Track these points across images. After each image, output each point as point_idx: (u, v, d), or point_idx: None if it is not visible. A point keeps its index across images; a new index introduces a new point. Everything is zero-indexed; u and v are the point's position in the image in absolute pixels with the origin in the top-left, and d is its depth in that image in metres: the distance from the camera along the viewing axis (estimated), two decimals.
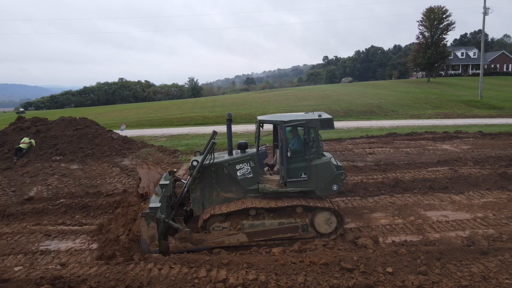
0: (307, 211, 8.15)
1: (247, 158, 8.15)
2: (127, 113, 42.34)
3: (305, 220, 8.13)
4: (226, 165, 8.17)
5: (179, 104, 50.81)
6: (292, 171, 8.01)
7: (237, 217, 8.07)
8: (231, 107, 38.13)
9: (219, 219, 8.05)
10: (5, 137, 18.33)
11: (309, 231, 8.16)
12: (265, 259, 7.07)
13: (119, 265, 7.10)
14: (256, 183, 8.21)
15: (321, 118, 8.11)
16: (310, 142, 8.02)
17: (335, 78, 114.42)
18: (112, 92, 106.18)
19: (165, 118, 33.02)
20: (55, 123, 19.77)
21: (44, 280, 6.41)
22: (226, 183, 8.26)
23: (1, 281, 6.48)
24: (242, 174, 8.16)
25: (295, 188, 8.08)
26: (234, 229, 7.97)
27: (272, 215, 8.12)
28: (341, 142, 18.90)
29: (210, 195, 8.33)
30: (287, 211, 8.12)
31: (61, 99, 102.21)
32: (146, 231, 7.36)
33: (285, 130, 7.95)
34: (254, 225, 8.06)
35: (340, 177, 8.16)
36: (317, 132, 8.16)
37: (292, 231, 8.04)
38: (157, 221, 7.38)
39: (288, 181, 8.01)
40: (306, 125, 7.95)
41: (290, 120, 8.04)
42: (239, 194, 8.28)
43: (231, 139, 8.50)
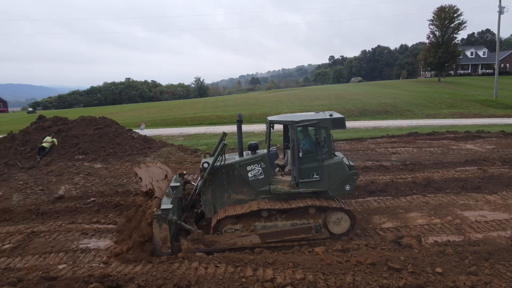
0: (319, 211, 8.06)
1: (258, 159, 8.06)
2: (139, 112, 42.48)
3: (318, 220, 8.06)
4: (237, 167, 8.07)
5: (190, 103, 50.90)
6: (304, 172, 7.94)
7: (250, 218, 7.96)
8: (243, 107, 38.10)
9: (232, 221, 7.95)
10: (27, 136, 18.44)
11: (322, 232, 8.07)
12: (310, 259, 7.01)
13: (163, 263, 7.10)
14: (267, 184, 8.14)
15: (332, 117, 8.03)
16: (321, 142, 7.93)
17: (342, 78, 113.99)
18: (119, 92, 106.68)
19: (179, 118, 33.08)
20: (76, 123, 19.85)
21: (93, 278, 6.41)
22: (237, 184, 8.15)
23: (49, 279, 6.49)
24: (253, 175, 8.08)
25: (308, 189, 8.00)
26: (247, 231, 7.88)
27: (285, 216, 8.03)
28: (362, 141, 18.79)
29: (221, 197, 8.22)
30: (300, 212, 8.03)
31: (69, 99, 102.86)
32: (158, 233, 7.33)
33: (296, 130, 7.85)
34: (267, 227, 7.96)
35: (352, 177, 8.07)
36: (329, 131, 8.05)
37: (306, 232, 7.94)
38: (169, 223, 7.36)
39: (300, 181, 7.94)
40: (317, 125, 7.86)
41: (302, 120, 7.94)
42: (250, 196, 8.18)
43: (241, 140, 8.42)
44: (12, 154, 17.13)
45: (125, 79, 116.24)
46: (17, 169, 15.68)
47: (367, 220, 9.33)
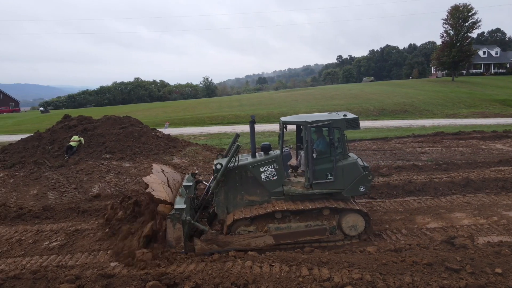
0: (334, 213, 7.97)
1: (271, 160, 7.99)
2: (155, 112, 42.67)
3: (332, 222, 7.97)
4: (250, 168, 8.00)
5: (204, 103, 50.99)
6: (317, 173, 7.84)
7: (263, 220, 7.90)
8: (260, 107, 38.08)
9: (245, 223, 7.90)
10: (54, 135, 18.60)
11: (336, 233, 7.99)
12: (364, 258, 6.94)
13: (216, 262, 7.08)
14: (281, 185, 8.06)
15: (347, 118, 7.92)
16: (335, 142, 7.84)
17: (351, 78, 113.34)
18: (128, 92, 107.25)
19: (196, 117, 33.16)
20: (101, 122, 19.98)
21: (150, 276, 6.43)
22: (250, 186, 8.08)
23: (107, 277, 6.52)
24: (267, 176, 8.01)
25: (322, 190, 7.91)
26: (260, 232, 7.84)
27: (298, 217, 7.95)
28: (388, 141, 18.64)
29: (234, 198, 8.16)
30: (314, 213, 7.96)
31: (79, 99, 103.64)
32: (172, 232, 7.33)
33: (310, 131, 7.75)
34: (280, 228, 7.89)
35: (367, 177, 7.96)
36: (343, 132, 7.94)
37: (320, 234, 7.86)
38: (182, 223, 7.34)
39: (314, 182, 7.85)
40: (331, 126, 7.75)
41: (315, 120, 7.83)
42: (263, 197, 8.11)
43: (254, 141, 8.36)
44: (40, 153, 17.28)
45: (134, 79, 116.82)
46: (46, 168, 15.82)
47: (410, 220, 9.22)
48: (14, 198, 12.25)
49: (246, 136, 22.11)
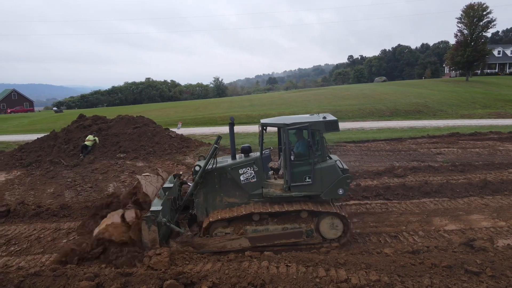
0: (312, 216, 7.88)
1: (251, 162, 7.95)
2: (167, 112, 42.94)
3: (310, 225, 7.88)
4: (229, 170, 7.96)
5: (216, 103, 51.13)
6: (296, 175, 7.77)
7: (240, 222, 7.86)
8: (271, 107, 38.03)
9: (222, 224, 7.89)
10: (69, 134, 18.87)
11: (314, 236, 7.91)
12: (382, 260, 6.88)
13: (233, 261, 7.10)
14: (260, 187, 8.00)
15: (325, 120, 7.81)
16: (314, 145, 7.76)
17: (363, 78, 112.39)
18: (139, 92, 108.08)
19: (208, 117, 33.27)
20: (115, 121, 20.21)
21: (167, 275, 6.46)
22: (229, 188, 8.06)
23: (125, 275, 6.57)
24: (246, 178, 7.96)
25: (300, 193, 7.83)
26: (237, 234, 7.79)
27: (276, 220, 7.89)
28: (402, 142, 18.43)
29: (213, 200, 8.15)
30: (292, 216, 7.88)
31: (91, 99, 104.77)
32: (147, 234, 7.31)
33: (288, 133, 7.69)
34: (258, 231, 7.84)
35: (345, 180, 7.85)
36: (322, 134, 7.86)
37: (296, 237, 7.81)
38: (158, 225, 7.33)
39: (292, 185, 7.78)
40: (309, 128, 7.65)
41: (293, 122, 7.76)
42: (243, 199, 8.06)
43: (234, 143, 8.37)
44: (56, 152, 17.56)
45: (145, 79, 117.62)
46: (62, 167, 16.05)
47: (427, 222, 9.12)
48: (32, 196, 12.46)
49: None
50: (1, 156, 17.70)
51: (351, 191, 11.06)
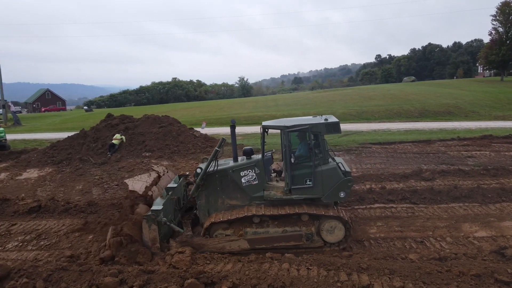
0: (313, 219, 7.74)
1: (252, 165, 7.91)
2: (192, 111, 43.52)
3: (310, 228, 7.74)
4: (231, 172, 7.96)
5: (240, 103, 51.39)
6: (297, 178, 7.67)
7: (241, 224, 7.83)
8: (296, 107, 37.82)
9: (223, 226, 7.87)
10: (98, 133, 19.44)
11: (314, 240, 7.76)
12: (406, 266, 6.68)
13: (253, 262, 7.08)
14: (261, 190, 7.94)
15: (327, 122, 7.68)
16: (313, 147, 7.63)
17: (391, 78, 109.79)
18: (166, 91, 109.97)
19: (233, 117, 33.38)
20: (141, 121, 20.65)
21: (188, 274, 6.52)
22: (231, 190, 8.06)
23: (147, 272, 6.68)
24: (247, 181, 7.92)
25: (300, 195, 7.72)
26: (236, 236, 7.76)
27: (277, 223, 7.80)
28: (430, 144, 17.86)
29: (215, 202, 8.17)
30: (293, 219, 7.78)
31: (120, 98, 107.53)
32: (147, 233, 7.41)
33: (288, 135, 7.63)
34: (258, 233, 7.77)
35: (347, 183, 7.69)
36: (323, 136, 7.72)
37: (296, 240, 7.68)
38: (158, 224, 7.40)
39: (293, 188, 7.69)
40: (310, 130, 7.54)
41: (294, 125, 7.70)
42: (244, 201, 8.03)
43: (235, 146, 8.38)
44: (85, 150, 18.12)
45: (172, 79, 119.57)
46: (90, 165, 16.55)
47: (456, 228, 8.78)
48: (62, 192, 12.91)
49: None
50: (34, 154, 18.44)
51: (375, 194, 10.83)
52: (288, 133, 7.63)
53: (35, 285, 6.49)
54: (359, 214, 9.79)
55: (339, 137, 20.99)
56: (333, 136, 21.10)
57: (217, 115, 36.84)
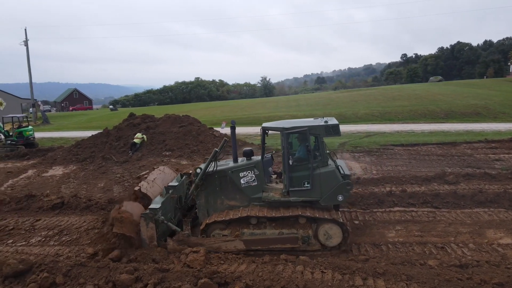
0: (310, 222, 7.66)
1: (251, 166, 7.94)
2: (213, 111, 43.88)
3: (307, 231, 7.66)
4: (230, 173, 7.99)
5: (262, 103, 51.38)
6: (295, 180, 7.66)
7: (238, 225, 7.82)
8: (317, 107, 37.48)
9: (220, 226, 7.90)
10: (120, 132, 19.88)
11: (311, 243, 7.68)
12: (425, 272, 6.48)
13: (267, 264, 7.05)
14: (261, 191, 7.94)
15: (326, 124, 7.65)
16: (313, 149, 7.64)
17: (417, 77, 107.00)
18: (189, 91, 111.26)
19: (253, 117, 33.48)
20: (162, 120, 20.99)
21: (202, 273, 6.54)
22: (230, 190, 8.08)
23: (162, 271, 6.75)
24: (246, 182, 7.94)
25: (298, 198, 7.70)
26: (233, 236, 7.77)
27: (274, 224, 7.76)
28: (456, 146, 17.30)
29: (214, 202, 8.21)
30: (290, 221, 7.71)
31: (144, 98, 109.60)
32: (145, 231, 7.58)
33: (287, 137, 7.66)
34: (255, 234, 7.77)
35: (345, 187, 7.61)
36: (322, 139, 7.68)
37: (292, 242, 7.64)
38: (156, 222, 7.52)
39: (291, 190, 7.67)
40: (308, 132, 7.53)
41: (292, 126, 7.71)
42: (243, 202, 8.03)
43: (235, 147, 8.41)
44: (108, 148, 18.57)
45: (195, 78, 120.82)
46: (112, 163, 16.94)
47: (480, 234, 8.43)
48: (84, 190, 13.26)
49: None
50: (60, 151, 19.06)
51: (395, 197, 10.57)
52: (286, 135, 7.66)
53: (55, 279, 6.68)
54: (377, 217, 9.58)
55: (360, 138, 20.68)
56: (355, 137, 20.82)
57: (238, 115, 36.95)
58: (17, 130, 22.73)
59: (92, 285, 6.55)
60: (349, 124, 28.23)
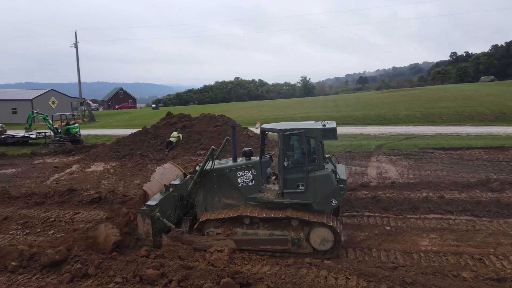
0: (303, 225, 7.63)
1: (249, 166, 8.02)
2: (251, 111, 44.16)
3: (299, 234, 7.63)
4: (227, 172, 8.11)
5: (299, 103, 51.04)
6: (290, 182, 7.69)
7: (232, 224, 7.93)
8: (356, 107, 36.59)
9: (215, 224, 8.03)
10: (158, 130, 20.52)
11: (302, 246, 7.63)
12: (458, 285, 6.13)
13: (291, 267, 6.97)
14: (257, 191, 8.01)
15: (323, 127, 7.57)
16: (309, 152, 7.59)
17: (467, 77, 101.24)
18: (229, 91, 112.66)
19: (289, 117, 33.25)
20: (198, 119, 21.39)
21: (225, 273, 6.59)
22: (227, 189, 8.21)
23: (187, 268, 6.88)
24: (243, 181, 8.02)
25: (292, 200, 7.69)
26: (225, 235, 7.85)
27: (267, 225, 7.78)
28: (504, 151, 16.16)
29: (212, 200, 8.37)
30: (283, 223, 7.72)
31: (185, 97, 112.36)
32: (142, 226, 7.92)
33: (283, 139, 7.71)
34: (248, 234, 7.83)
35: (339, 191, 7.53)
36: (319, 142, 7.61)
37: (282, 244, 7.65)
38: (151, 218, 7.79)
39: (285, 191, 7.69)
40: (304, 134, 7.52)
41: (289, 128, 7.74)
42: (240, 201, 8.13)
43: (235, 146, 8.55)
44: (146, 146, 19.23)
45: (235, 78, 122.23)
46: (149, 160, 17.51)
47: None
48: (121, 186, 13.81)
49: None
50: (102, 148, 20.00)
51: (432, 203, 10.06)
52: (283, 137, 7.72)
53: (87, 270, 7.03)
54: (411, 224, 9.17)
55: (399, 140, 19.93)
56: (393, 140, 20.09)
57: (274, 115, 36.92)
58: (64, 127, 24.18)
59: (121, 278, 6.81)
60: (388, 126, 27.31)
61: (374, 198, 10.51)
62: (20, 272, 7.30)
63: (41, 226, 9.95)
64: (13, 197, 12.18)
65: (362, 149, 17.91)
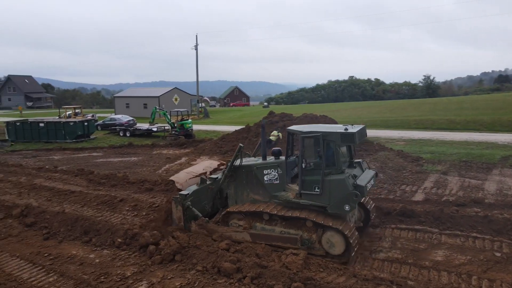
0: (317, 227, 7.71)
1: (275, 165, 8.31)
2: (360, 111, 42.33)
3: (311, 235, 7.73)
4: (255, 169, 8.51)
5: (416, 104, 46.95)
6: (307, 183, 7.78)
7: (253, 218, 8.38)
8: (484, 111, 31.94)
9: (238, 217, 8.58)
10: (259, 128, 21.07)
11: (313, 247, 7.73)
12: None
13: (369, 281, 6.51)
14: (282, 190, 8.26)
15: (342, 131, 7.51)
16: (327, 155, 7.58)
17: None
18: (342, 90, 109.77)
19: (401, 120, 30.86)
20: (299, 119, 21.34)
21: (297, 277, 6.49)
22: (254, 185, 8.63)
23: (261, 267, 6.99)
24: (269, 179, 8.35)
25: (307, 201, 7.78)
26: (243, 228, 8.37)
27: (284, 223, 8.05)
28: None
29: (241, 194, 8.88)
30: (299, 223, 7.90)
31: (296, 96, 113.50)
32: (175, 212, 8.89)
33: (302, 141, 7.86)
34: (265, 229, 8.22)
35: (352, 197, 7.35)
36: (338, 145, 7.55)
37: (292, 243, 7.82)
38: (182, 206, 8.64)
39: (303, 192, 7.80)
40: (321, 138, 7.54)
41: (308, 131, 7.92)
42: (265, 198, 8.49)
43: (265, 145, 8.99)
44: (247, 143, 19.98)
45: (349, 77, 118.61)
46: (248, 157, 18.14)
47: None
48: None
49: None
50: (209, 143, 21.54)
51: None
52: (302, 139, 7.90)
53: (174, 256, 7.69)
54: None
55: None
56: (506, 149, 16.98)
57: (385, 117, 34.67)
58: (179, 122, 26.81)
59: (201, 267, 7.28)
60: None
61: (486, 217, 9.04)
62: (123, 249, 8.35)
63: (147, 210, 11.18)
64: (130, 182, 13.95)
65: (482, 159, 15.63)
